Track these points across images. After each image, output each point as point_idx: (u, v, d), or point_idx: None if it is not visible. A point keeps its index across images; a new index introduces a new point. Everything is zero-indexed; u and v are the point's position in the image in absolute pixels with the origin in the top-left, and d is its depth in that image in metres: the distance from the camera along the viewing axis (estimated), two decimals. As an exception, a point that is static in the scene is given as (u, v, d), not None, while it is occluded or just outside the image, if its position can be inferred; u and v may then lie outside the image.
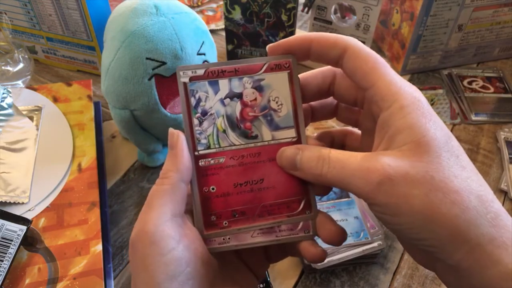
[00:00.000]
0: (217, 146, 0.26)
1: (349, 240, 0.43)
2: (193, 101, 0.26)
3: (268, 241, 0.26)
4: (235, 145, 0.26)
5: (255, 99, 0.26)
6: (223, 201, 0.26)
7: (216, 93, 0.26)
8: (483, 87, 0.65)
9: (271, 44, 0.26)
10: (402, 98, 0.22)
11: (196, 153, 0.26)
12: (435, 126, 0.22)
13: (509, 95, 0.64)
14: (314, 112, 0.29)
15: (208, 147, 0.26)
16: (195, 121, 0.26)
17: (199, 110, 0.26)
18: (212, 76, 0.26)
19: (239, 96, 0.26)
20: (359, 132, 0.29)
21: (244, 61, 0.26)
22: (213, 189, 0.26)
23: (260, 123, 0.26)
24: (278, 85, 0.26)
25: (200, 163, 0.26)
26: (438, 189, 0.20)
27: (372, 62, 0.23)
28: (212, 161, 0.26)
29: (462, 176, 0.21)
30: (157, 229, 0.22)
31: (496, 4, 0.62)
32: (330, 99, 0.29)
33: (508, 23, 0.66)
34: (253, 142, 0.26)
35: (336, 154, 0.23)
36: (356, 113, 0.28)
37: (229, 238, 0.26)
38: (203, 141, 0.26)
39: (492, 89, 0.65)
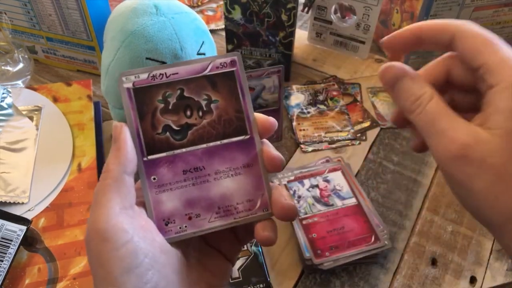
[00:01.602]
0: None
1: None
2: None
3: (226, 224, 0.26)
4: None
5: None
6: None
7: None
8: (483, 87, 0.65)
9: (385, 38, 0.26)
10: (510, 78, 0.21)
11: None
12: None
13: (509, 95, 0.64)
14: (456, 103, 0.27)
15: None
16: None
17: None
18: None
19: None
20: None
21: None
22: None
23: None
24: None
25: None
26: (507, 179, 0.20)
27: (481, 40, 0.23)
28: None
29: None
30: (108, 225, 0.22)
31: (496, 4, 0.62)
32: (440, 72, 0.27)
33: (508, 23, 0.66)
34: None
35: (434, 103, 0.23)
36: (474, 98, 0.26)
37: (185, 226, 0.26)
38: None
39: (492, 89, 0.65)
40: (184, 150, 0.26)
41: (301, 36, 0.71)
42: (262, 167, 0.26)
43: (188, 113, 0.26)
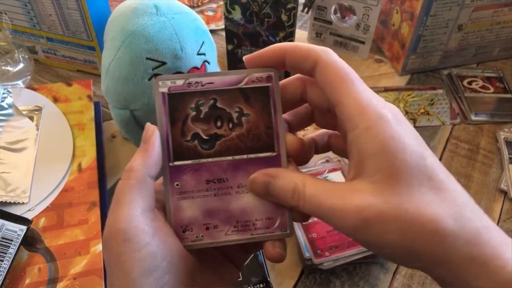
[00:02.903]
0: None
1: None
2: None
3: (243, 239, 0.26)
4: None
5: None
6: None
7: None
8: (483, 87, 0.65)
9: (247, 56, 0.26)
10: (367, 118, 0.21)
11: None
12: (404, 148, 0.21)
13: (509, 95, 0.64)
14: (290, 123, 0.28)
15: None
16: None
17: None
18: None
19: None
20: (339, 133, 0.28)
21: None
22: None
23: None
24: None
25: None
26: (413, 223, 0.20)
27: (340, 77, 0.23)
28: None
29: (436, 200, 0.21)
30: (130, 225, 0.22)
31: (496, 4, 0.62)
32: (304, 107, 0.28)
33: (508, 23, 0.66)
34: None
35: (310, 189, 0.23)
36: (333, 117, 0.26)
37: (202, 236, 0.26)
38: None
39: (492, 89, 0.65)
40: (210, 159, 0.25)
41: (301, 36, 0.71)
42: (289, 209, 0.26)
43: (219, 123, 0.26)
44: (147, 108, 0.45)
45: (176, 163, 0.25)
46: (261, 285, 0.41)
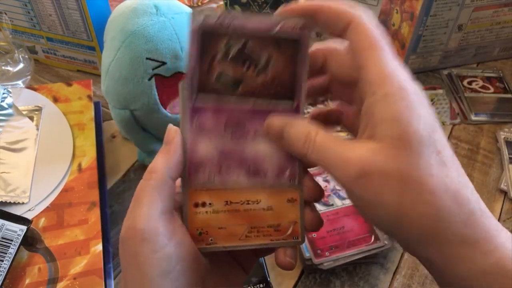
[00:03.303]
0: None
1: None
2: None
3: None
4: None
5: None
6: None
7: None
8: (483, 87, 0.65)
9: (279, 11, 0.25)
10: (388, 85, 0.21)
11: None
12: (418, 118, 0.21)
13: (509, 95, 0.64)
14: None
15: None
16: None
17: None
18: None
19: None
20: (355, 108, 0.27)
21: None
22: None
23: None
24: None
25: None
26: (413, 188, 0.20)
27: (370, 41, 0.22)
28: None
29: (440, 174, 0.21)
30: (148, 226, 0.22)
31: (496, 4, 0.62)
32: (321, 79, 0.28)
33: (508, 23, 0.66)
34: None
35: (321, 137, 0.23)
36: (350, 91, 0.26)
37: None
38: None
39: (492, 89, 0.65)
40: (232, 102, 0.25)
41: (301, 36, 0.71)
42: (301, 196, 0.26)
43: (245, 67, 0.25)
44: (147, 108, 0.45)
45: (200, 97, 0.25)
46: (261, 285, 0.41)
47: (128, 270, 0.23)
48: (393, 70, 0.22)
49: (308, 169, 0.27)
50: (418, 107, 0.21)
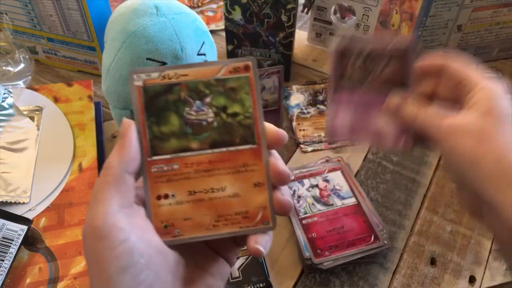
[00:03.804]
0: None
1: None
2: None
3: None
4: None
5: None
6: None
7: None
8: (482, 87, 0.66)
9: (419, 64, 0.31)
10: (484, 82, 0.28)
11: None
12: (505, 101, 0.27)
13: (508, 96, 0.64)
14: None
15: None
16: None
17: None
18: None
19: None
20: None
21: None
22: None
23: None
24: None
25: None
26: (487, 140, 0.26)
27: (464, 64, 0.30)
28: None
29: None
30: (105, 223, 0.22)
31: (496, 4, 0.62)
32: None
33: (507, 23, 0.66)
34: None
35: (426, 110, 0.30)
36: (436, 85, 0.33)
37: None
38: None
39: (491, 90, 0.65)
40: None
41: (301, 36, 0.72)
42: (268, 180, 0.25)
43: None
44: (147, 108, 0.45)
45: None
46: (261, 285, 0.41)
47: (90, 268, 0.22)
48: (485, 75, 0.29)
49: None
50: (506, 95, 0.28)
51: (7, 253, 0.38)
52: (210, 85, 0.25)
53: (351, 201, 0.47)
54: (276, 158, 0.26)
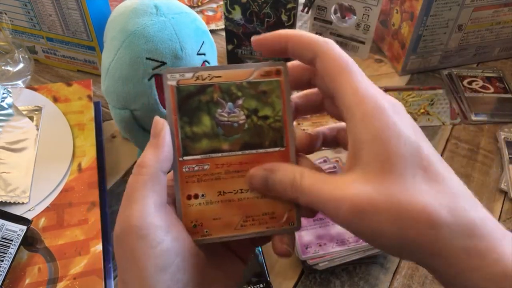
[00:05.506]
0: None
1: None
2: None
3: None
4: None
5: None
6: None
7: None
8: (483, 87, 0.65)
9: (254, 37, 0.25)
10: (364, 107, 0.21)
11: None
12: (398, 138, 0.21)
13: (509, 95, 0.64)
14: (298, 107, 0.28)
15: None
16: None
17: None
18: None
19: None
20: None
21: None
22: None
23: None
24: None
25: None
26: (406, 213, 0.20)
27: (339, 68, 0.23)
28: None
29: (430, 191, 0.21)
30: (144, 222, 0.22)
31: (496, 4, 0.62)
32: (316, 93, 0.28)
33: (508, 23, 0.66)
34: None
35: (308, 180, 0.23)
36: None
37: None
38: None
39: (492, 89, 0.65)
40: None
41: (301, 36, 0.71)
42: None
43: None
44: (147, 108, 0.45)
45: (186, 158, 0.25)
46: (261, 285, 0.41)
47: (126, 268, 0.22)
48: (367, 90, 0.22)
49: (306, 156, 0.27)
50: (397, 125, 0.21)
51: (6, 253, 0.37)
52: (242, 88, 0.25)
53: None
54: (306, 161, 0.26)
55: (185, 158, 0.25)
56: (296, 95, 0.28)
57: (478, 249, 0.20)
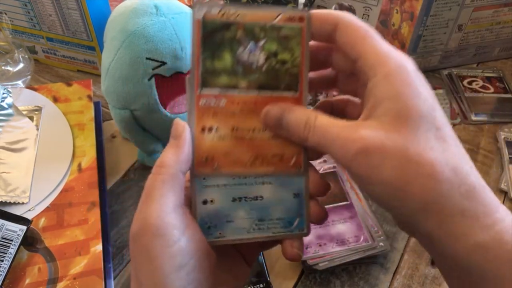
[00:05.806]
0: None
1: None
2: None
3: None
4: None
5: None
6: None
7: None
8: (483, 87, 0.65)
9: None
10: (387, 66, 0.22)
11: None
12: (418, 96, 0.22)
13: (509, 95, 0.64)
14: (310, 81, 0.28)
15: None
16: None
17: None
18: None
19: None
20: (359, 101, 0.28)
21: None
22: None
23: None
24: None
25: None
26: (412, 161, 0.21)
27: (361, 33, 0.23)
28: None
29: (439, 148, 0.21)
30: (162, 221, 0.22)
31: (496, 4, 0.62)
32: (329, 70, 0.28)
33: (508, 23, 0.66)
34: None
35: (321, 120, 0.23)
36: (355, 82, 0.27)
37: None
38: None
39: (492, 89, 0.65)
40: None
41: (301, 36, 0.71)
42: (306, 193, 0.27)
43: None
44: (147, 108, 0.45)
45: (204, 91, 0.25)
46: (261, 285, 0.41)
47: (142, 266, 0.22)
48: (389, 51, 0.23)
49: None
50: (418, 85, 0.22)
51: (6, 253, 0.37)
52: (265, 29, 0.25)
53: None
54: (315, 174, 0.27)
55: (203, 91, 0.25)
56: (310, 73, 0.28)
57: (474, 211, 0.21)
